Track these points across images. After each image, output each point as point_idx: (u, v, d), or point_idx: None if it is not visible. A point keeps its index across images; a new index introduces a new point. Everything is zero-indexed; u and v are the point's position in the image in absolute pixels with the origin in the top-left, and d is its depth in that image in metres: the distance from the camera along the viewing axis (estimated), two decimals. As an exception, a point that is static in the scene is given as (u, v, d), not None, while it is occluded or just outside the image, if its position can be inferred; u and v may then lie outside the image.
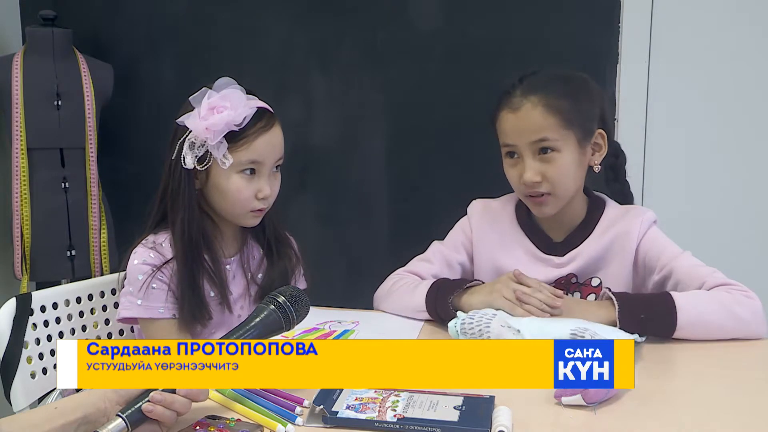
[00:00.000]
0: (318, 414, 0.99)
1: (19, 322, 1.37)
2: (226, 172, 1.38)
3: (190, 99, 1.38)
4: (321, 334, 1.34)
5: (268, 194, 1.42)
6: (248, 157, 1.38)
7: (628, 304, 1.31)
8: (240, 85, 1.41)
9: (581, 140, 1.44)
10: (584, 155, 1.46)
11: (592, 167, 1.48)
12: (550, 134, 1.40)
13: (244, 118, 1.37)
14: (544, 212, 1.47)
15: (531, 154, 1.42)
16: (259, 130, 1.39)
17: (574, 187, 1.47)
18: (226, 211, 1.43)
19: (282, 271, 1.50)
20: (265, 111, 1.42)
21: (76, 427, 0.91)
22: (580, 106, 1.43)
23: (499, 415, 0.96)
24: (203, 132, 1.35)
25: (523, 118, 1.41)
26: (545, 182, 1.43)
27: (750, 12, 2.25)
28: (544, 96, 1.40)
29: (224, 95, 1.37)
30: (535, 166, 1.42)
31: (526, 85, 1.43)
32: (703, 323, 1.31)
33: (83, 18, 2.67)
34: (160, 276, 1.39)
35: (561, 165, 1.42)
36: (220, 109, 1.35)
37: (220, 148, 1.36)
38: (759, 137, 2.29)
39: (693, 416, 1.02)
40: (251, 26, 2.58)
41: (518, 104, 1.42)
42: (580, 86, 1.47)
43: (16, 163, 2.38)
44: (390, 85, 2.49)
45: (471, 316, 1.28)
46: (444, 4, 2.42)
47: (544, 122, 1.40)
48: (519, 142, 1.43)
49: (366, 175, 2.56)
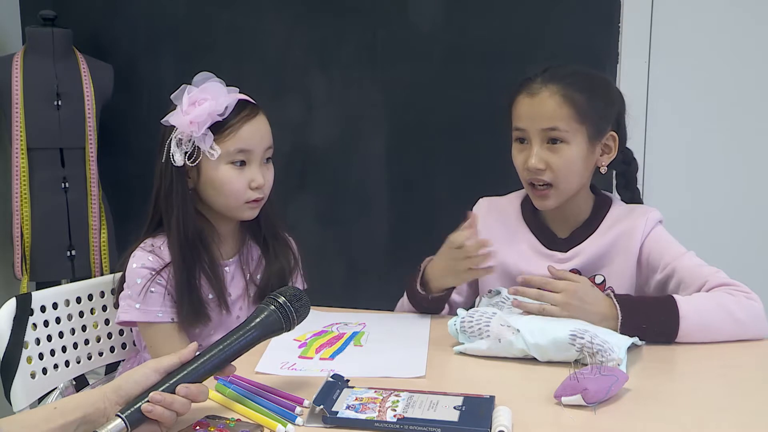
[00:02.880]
0: (318, 414, 0.99)
1: (19, 322, 1.37)
2: (216, 165, 1.39)
3: (171, 97, 1.40)
4: (331, 337, 1.34)
5: (262, 183, 1.42)
6: (236, 145, 1.39)
7: (631, 311, 1.31)
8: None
9: (592, 137, 1.44)
10: (593, 153, 1.46)
11: (599, 168, 1.48)
12: (562, 124, 1.41)
13: (226, 108, 1.38)
14: (545, 205, 1.47)
15: (540, 141, 1.43)
16: (243, 118, 1.40)
17: (577, 183, 1.46)
18: (222, 206, 1.43)
19: (279, 270, 1.50)
20: (248, 102, 1.43)
21: (75, 427, 0.91)
22: (596, 104, 1.43)
23: (499, 415, 0.96)
24: (188, 126, 1.36)
25: (539, 104, 1.42)
26: (549, 171, 1.43)
27: (750, 11, 2.25)
28: (563, 87, 1.41)
29: (204, 88, 1.39)
30: (542, 154, 1.43)
31: (549, 74, 1.44)
32: (705, 329, 1.30)
33: (83, 18, 2.68)
34: (159, 279, 1.39)
35: (567, 157, 1.42)
36: (201, 102, 1.37)
37: (206, 139, 1.37)
38: (760, 136, 2.29)
39: (693, 416, 1.02)
40: (251, 26, 2.58)
41: (537, 90, 1.43)
42: (601, 86, 1.48)
43: (16, 163, 2.38)
44: (390, 85, 2.49)
45: (471, 315, 1.28)
46: (444, 4, 2.42)
47: (558, 111, 1.41)
48: (530, 127, 1.43)
49: (366, 175, 2.56)
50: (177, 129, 1.38)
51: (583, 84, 1.43)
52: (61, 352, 1.46)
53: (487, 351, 1.23)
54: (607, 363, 1.13)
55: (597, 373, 1.05)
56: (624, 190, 1.58)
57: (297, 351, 1.27)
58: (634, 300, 1.36)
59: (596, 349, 1.14)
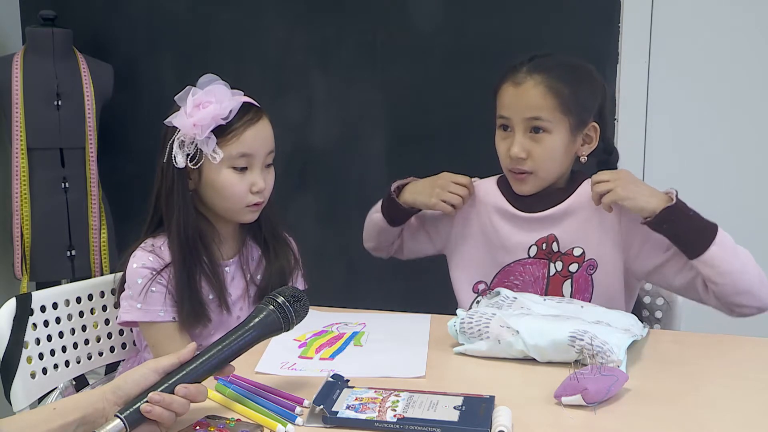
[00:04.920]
0: (318, 414, 0.99)
1: (19, 322, 1.37)
2: (218, 168, 1.39)
3: (176, 98, 1.39)
4: (331, 337, 1.34)
5: (263, 187, 1.42)
6: (238, 149, 1.39)
7: (682, 205, 1.36)
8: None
9: (574, 128, 1.46)
10: (574, 143, 1.48)
11: (579, 158, 1.50)
12: (545, 115, 1.43)
13: (230, 112, 1.37)
14: (523, 190, 1.50)
15: (522, 130, 1.45)
16: (247, 122, 1.40)
17: (557, 172, 1.49)
18: (223, 209, 1.43)
19: (279, 270, 1.50)
20: (252, 105, 1.43)
21: (74, 428, 0.91)
22: (579, 95, 1.45)
23: (499, 415, 0.96)
24: (191, 129, 1.36)
25: (523, 93, 1.44)
26: (530, 160, 1.45)
27: (750, 12, 2.25)
28: (548, 77, 1.43)
29: (208, 91, 1.38)
30: (524, 143, 1.45)
31: (534, 64, 1.46)
32: (732, 259, 1.34)
33: (83, 18, 2.68)
34: (159, 279, 1.39)
35: (549, 147, 1.44)
36: (205, 105, 1.36)
37: (209, 143, 1.37)
38: (759, 137, 2.29)
39: (693, 416, 1.02)
40: (251, 26, 2.58)
41: (522, 79, 1.45)
42: (585, 77, 1.49)
43: (16, 163, 2.38)
44: (390, 85, 2.49)
45: (470, 316, 1.28)
46: (444, 4, 2.42)
47: (542, 102, 1.43)
48: (514, 116, 1.46)
49: (366, 175, 2.56)
50: (180, 131, 1.38)
51: (567, 75, 1.45)
52: (61, 352, 1.46)
53: (487, 352, 1.23)
54: (607, 364, 1.13)
55: (597, 374, 1.05)
56: None
57: (297, 351, 1.27)
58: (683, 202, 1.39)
59: (596, 351, 1.14)
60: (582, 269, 1.48)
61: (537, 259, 1.50)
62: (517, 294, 1.38)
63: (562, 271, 1.49)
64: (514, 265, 1.52)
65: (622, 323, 1.28)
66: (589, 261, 1.47)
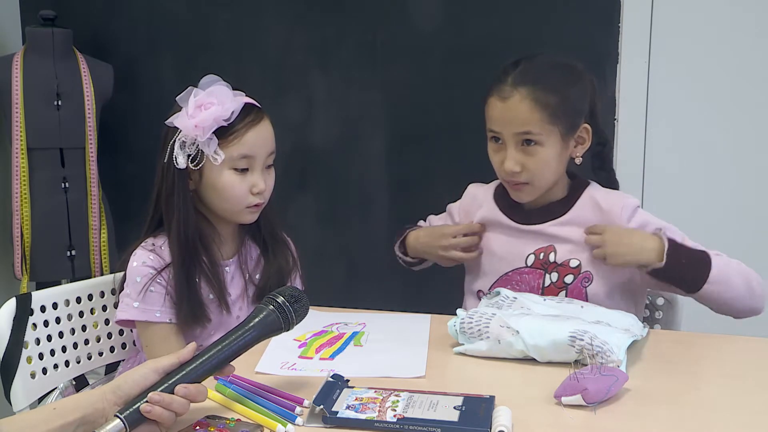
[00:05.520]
0: (318, 414, 0.99)
1: (19, 322, 1.37)
2: (219, 169, 1.39)
3: (177, 99, 1.39)
4: (331, 337, 1.34)
5: (263, 188, 1.42)
6: (239, 151, 1.39)
7: (675, 246, 1.38)
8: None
9: (565, 135, 1.46)
10: (566, 149, 1.48)
11: (574, 159, 1.50)
12: (535, 128, 1.42)
13: (232, 113, 1.37)
14: (521, 198, 1.51)
15: (514, 144, 1.45)
16: (248, 124, 1.40)
17: (553, 178, 1.49)
18: (223, 209, 1.43)
19: (278, 269, 1.50)
20: (253, 106, 1.43)
21: (74, 428, 0.91)
22: (568, 102, 1.44)
23: (499, 415, 0.96)
24: (193, 130, 1.36)
25: (511, 108, 1.43)
26: (525, 172, 1.45)
27: (750, 12, 2.25)
28: (533, 90, 1.41)
29: (210, 92, 1.38)
30: (517, 157, 1.44)
31: (519, 73, 1.44)
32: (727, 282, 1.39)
33: (83, 18, 2.67)
34: (159, 279, 1.39)
35: (542, 158, 1.44)
36: (207, 106, 1.36)
37: (210, 144, 1.36)
38: (759, 137, 2.29)
39: (693, 416, 1.02)
40: (251, 26, 2.58)
41: (508, 94, 1.43)
42: (573, 80, 1.48)
43: (16, 163, 2.38)
44: (390, 85, 2.49)
45: (470, 316, 1.28)
46: (444, 4, 2.42)
47: (530, 116, 1.42)
48: (504, 131, 1.45)
49: (366, 175, 2.56)
50: (181, 131, 1.38)
51: (553, 83, 1.43)
52: (61, 352, 1.46)
53: (487, 352, 1.23)
54: (607, 364, 1.13)
55: (597, 374, 1.05)
56: (599, 171, 1.59)
57: (297, 351, 1.27)
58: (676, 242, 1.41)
59: (596, 351, 1.14)
60: (577, 281, 1.47)
61: (533, 268, 1.50)
62: (517, 294, 1.38)
63: (557, 282, 1.48)
64: (512, 273, 1.52)
65: (622, 323, 1.28)
66: (585, 273, 1.47)
